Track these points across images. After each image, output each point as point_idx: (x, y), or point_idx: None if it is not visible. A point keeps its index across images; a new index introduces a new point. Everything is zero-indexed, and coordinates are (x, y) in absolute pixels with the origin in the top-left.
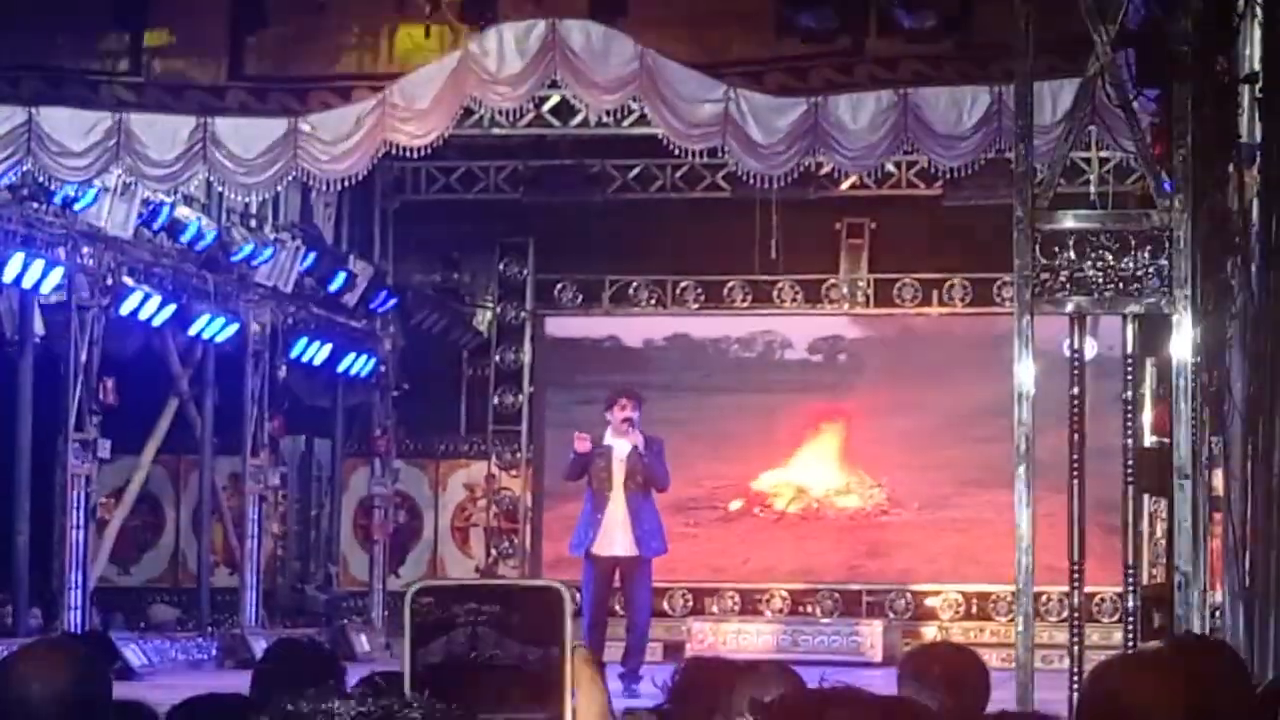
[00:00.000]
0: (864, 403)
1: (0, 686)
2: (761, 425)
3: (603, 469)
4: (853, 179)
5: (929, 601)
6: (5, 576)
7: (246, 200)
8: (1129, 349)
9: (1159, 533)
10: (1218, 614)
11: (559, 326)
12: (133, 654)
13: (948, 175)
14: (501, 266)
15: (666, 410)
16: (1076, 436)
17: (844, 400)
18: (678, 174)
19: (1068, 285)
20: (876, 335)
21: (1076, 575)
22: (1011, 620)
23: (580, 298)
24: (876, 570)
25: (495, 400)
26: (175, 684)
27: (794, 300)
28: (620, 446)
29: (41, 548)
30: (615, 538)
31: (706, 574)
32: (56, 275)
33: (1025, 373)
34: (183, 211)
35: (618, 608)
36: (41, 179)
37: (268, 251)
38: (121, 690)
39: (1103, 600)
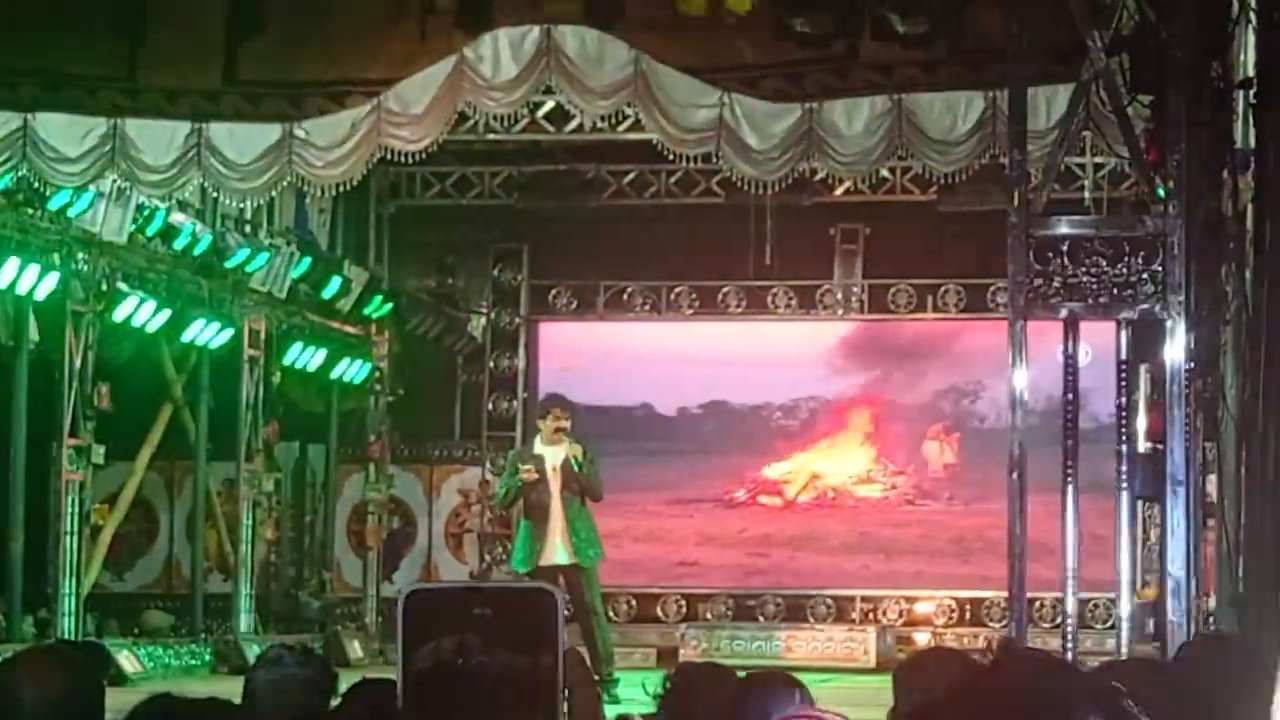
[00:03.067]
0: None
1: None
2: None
3: (538, 481)
4: (847, 184)
5: (920, 608)
6: None
7: (241, 205)
8: (1123, 355)
9: (1153, 538)
10: (1210, 619)
11: (553, 332)
12: (126, 660)
13: (942, 181)
14: (496, 272)
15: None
16: (1070, 442)
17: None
18: (672, 179)
19: (1062, 291)
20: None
21: (1070, 580)
22: (1005, 626)
23: (575, 303)
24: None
25: (490, 406)
26: (168, 690)
27: (788, 306)
28: (553, 455)
29: (36, 554)
30: (557, 546)
31: (699, 552)
32: (51, 280)
33: (1019, 379)
34: (177, 217)
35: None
36: (37, 184)
37: (262, 257)
38: (115, 697)
39: (1096, 606)
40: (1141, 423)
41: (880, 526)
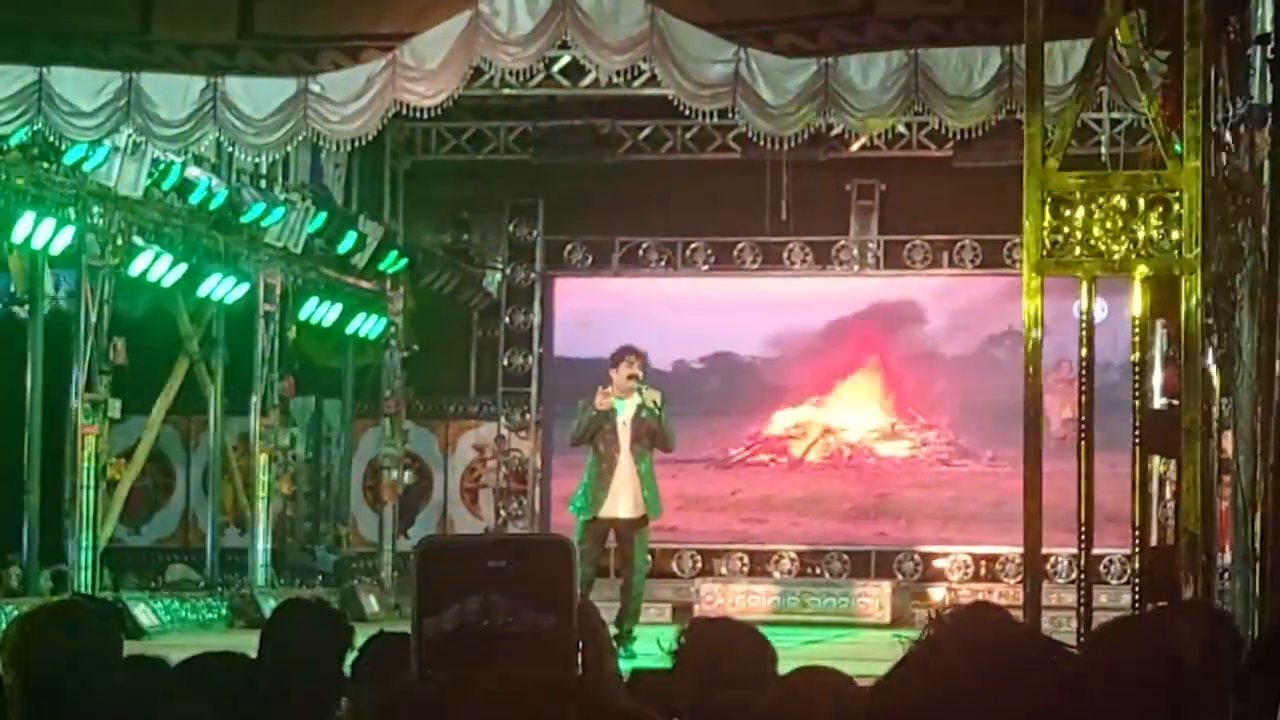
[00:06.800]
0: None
1: (12, 647)
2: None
3: (609, 431)
4: (863, 140)
5: (937, 563)
6: (15, 537)
7: (256, 160)
8: (1138, 311)
9: (1168, 494)
10: (1225, 575)
11: (568, 288)
12: (143, 614)
13: (958, 136)
14: (511, 227)
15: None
16: (1084, 398)
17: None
18: (688, 135)
19: (1078, 247)
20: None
21: (1084, 537)
22: (1020, 582)
23: (590, 259)
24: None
25: (505, 361)
26: (185, 643)
27: (804, 262)
28: (625, 407)
29: (52, 508)
30: (621, 500)
31: (677, 518)
32: (67, 235)
33: (1034, 335)
34: (193, 171)
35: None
36: (52, 139)
37: (278, 211)
38: (131, 649)
39: (1111, 562)
40: (1157, 379)
41: (903, 489)
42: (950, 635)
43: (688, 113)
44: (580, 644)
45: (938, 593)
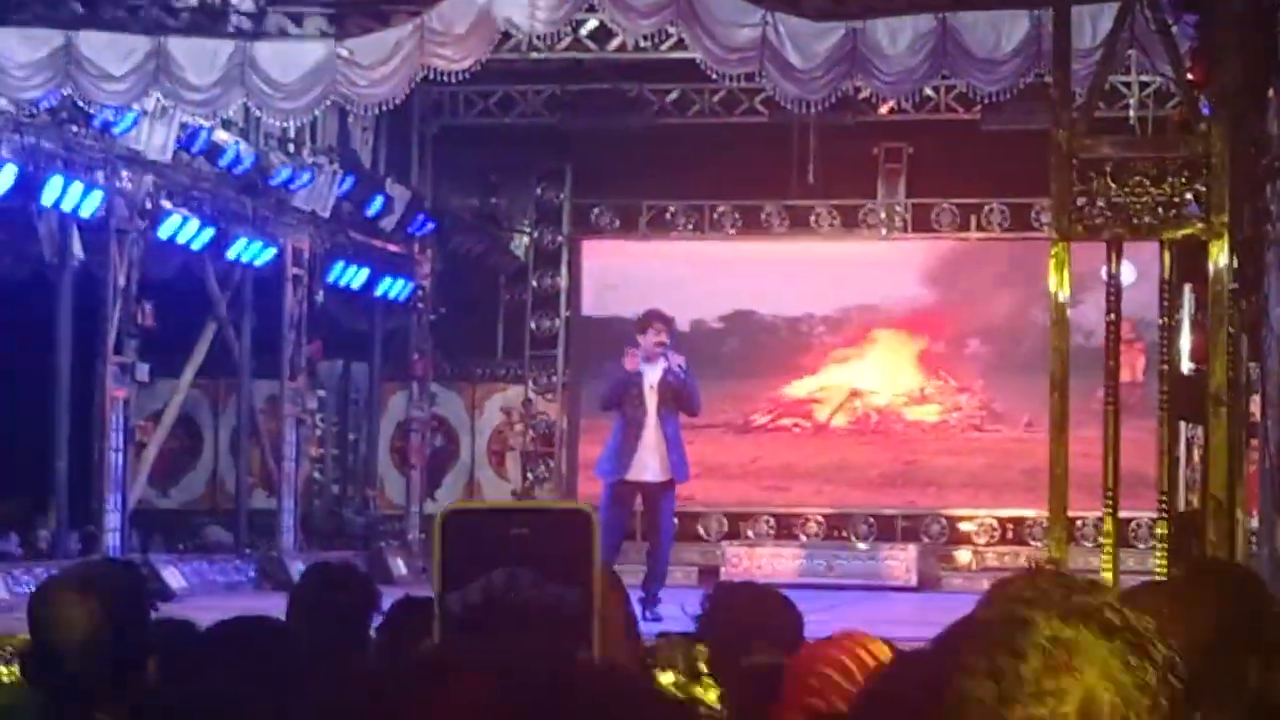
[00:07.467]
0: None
1: (40, 609)
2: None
3: (635, 395)
4: (891, 103)
5: (963, 526)
6: (44, 500)
7: (285, 124)
8: (1166, 275)
9: (1195, 458)
10: (1253, 539)
11: (596, 251)
12: (171, 576)
13: (986, 100)
14: (539, 191)
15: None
16: (1111, 362)
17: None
18: (715, 99)
19: (1105, 211)
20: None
21: (1111, 500)
22: (1046, 545)
23: (617, 223)
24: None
25: (532, 325)
26: (213, 605)
27: (831, 225)
28: (650, 372)
29: (80, 471)
30: (648, 463)
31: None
32: (95, 198)
33: (1060, 299)
34: (221, 135)
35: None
36: (81, 102)
37: (306, 176)
38: (159, 612)
39: (1138, 525)
40: (1185, 343)
41: (934, 455)
42: (1011, 599)
43: (715, 77)
44: (600, 615)
45: (964, 556)
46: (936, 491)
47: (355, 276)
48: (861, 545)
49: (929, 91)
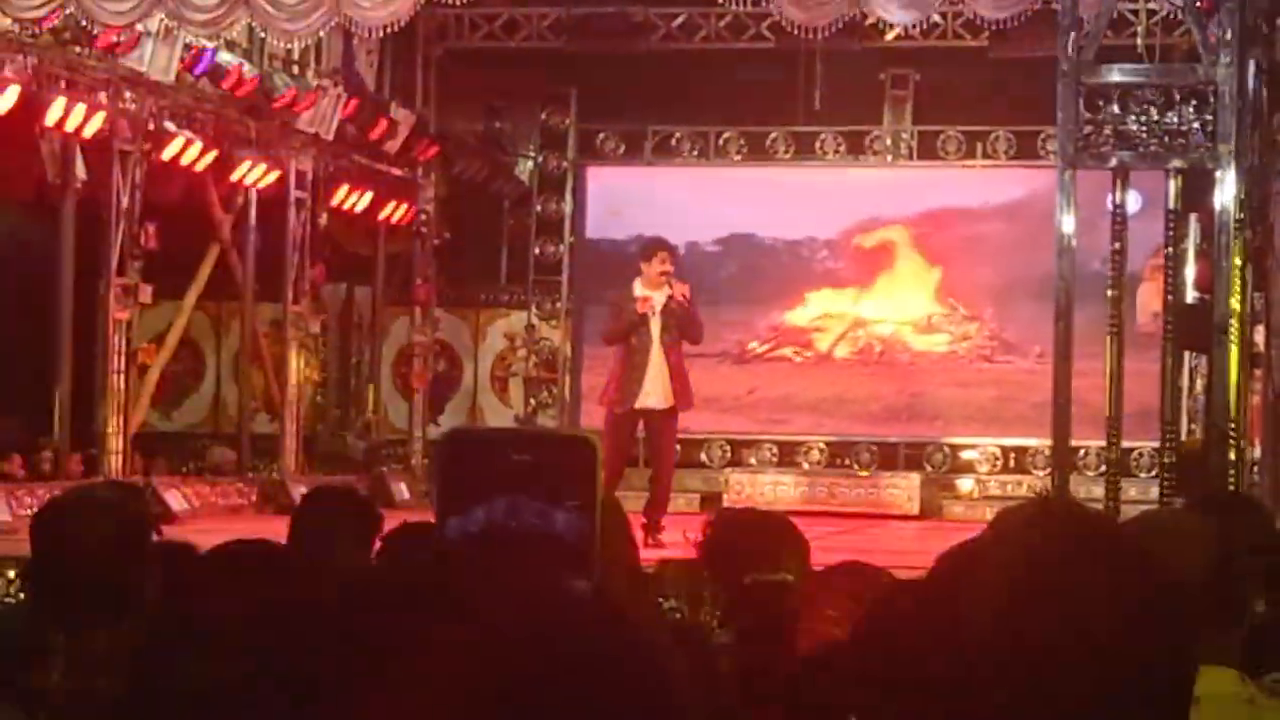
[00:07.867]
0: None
1: (44, 531)
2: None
3: (640, 324)
4: (898, 30)
5: (966, 454)
6: (47, 422)
7: (288, 46)
8: (1172, 204)
9: (1198, 388)
10: (1255, 469)
11: (600, 176)
12: (173, 498)
13: (994, 27)
14: (544, 116)
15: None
16: (1115, 293)
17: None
18: (722, 23)
19: (1111, 139)
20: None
21: (1113, 430)
22: (1048, 475)
23: (622, 148)
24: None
25: (536, 250)
26: (215, 528)
27: (836, 152)
28: (655, 298)
29: (83, 393)
30: (651, 391)
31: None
32: (98, 119)
33: (1066, 226)
34: (225, 57)
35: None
36: (84, 23)
37: (310, 97)
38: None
39: (1140, 455)
40: (1189, 272)
41: (940, 386)
42: (1019, 526)
43: (721, 1)
44: (602, 542)
45: (966, 484)
46: (944, 425)
47: (359, 200)
48: (864, 473)
49: (937, 18)
